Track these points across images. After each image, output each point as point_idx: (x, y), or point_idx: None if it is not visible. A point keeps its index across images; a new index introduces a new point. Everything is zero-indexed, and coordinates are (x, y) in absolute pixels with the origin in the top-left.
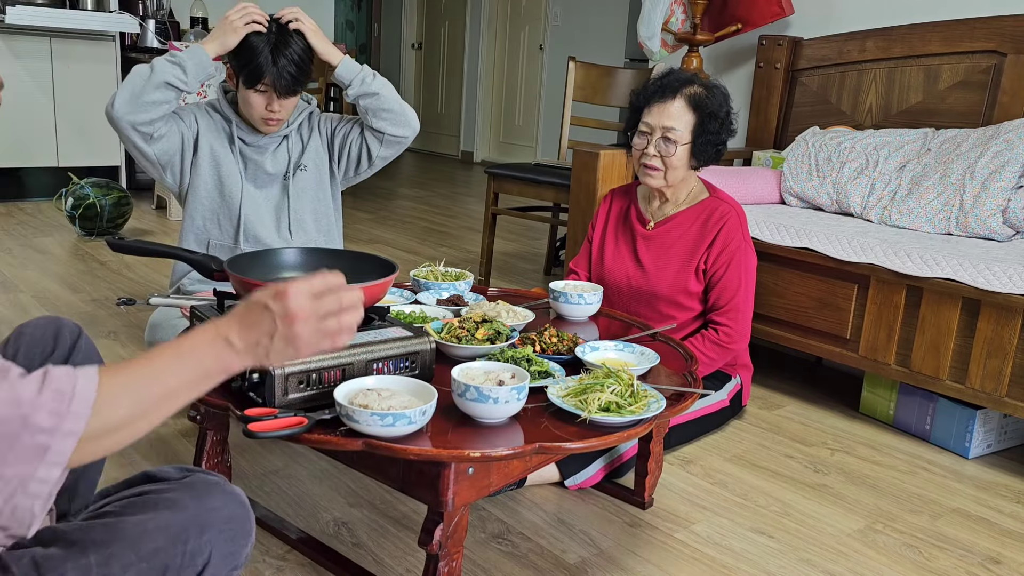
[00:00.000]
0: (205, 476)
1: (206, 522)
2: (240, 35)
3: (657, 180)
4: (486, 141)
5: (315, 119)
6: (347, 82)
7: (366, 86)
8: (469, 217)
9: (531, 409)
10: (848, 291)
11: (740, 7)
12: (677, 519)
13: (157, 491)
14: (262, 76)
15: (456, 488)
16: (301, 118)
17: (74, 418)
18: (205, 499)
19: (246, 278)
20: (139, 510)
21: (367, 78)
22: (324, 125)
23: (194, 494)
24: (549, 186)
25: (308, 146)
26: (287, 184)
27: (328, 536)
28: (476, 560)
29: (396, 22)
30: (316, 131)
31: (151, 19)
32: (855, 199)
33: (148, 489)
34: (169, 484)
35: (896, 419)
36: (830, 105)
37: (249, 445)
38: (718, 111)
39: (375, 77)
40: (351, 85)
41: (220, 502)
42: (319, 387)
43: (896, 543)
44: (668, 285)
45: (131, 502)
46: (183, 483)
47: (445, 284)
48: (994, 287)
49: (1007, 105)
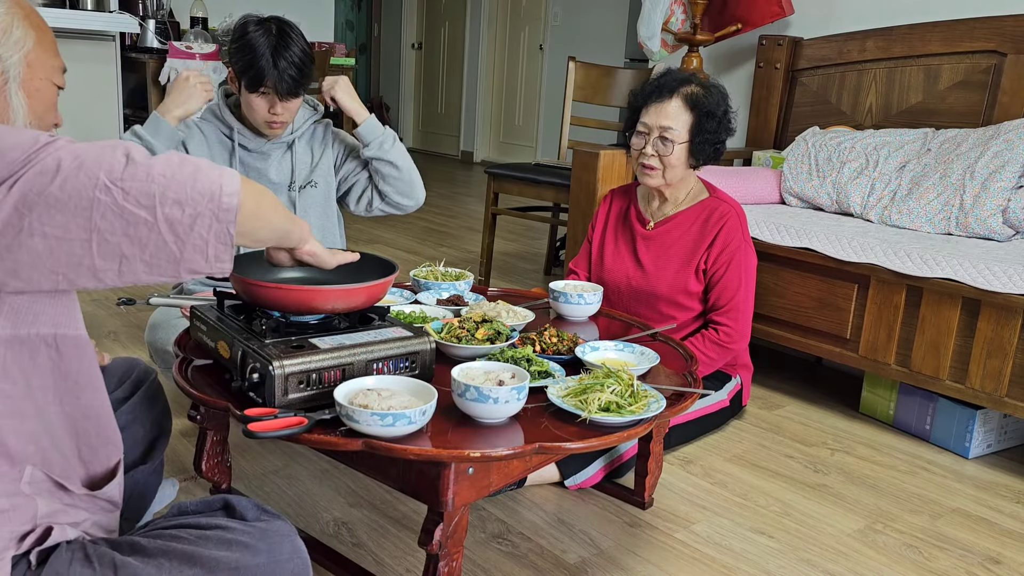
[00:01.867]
0: (280, 524)
1: (274, 572)
2: (202, 100)
3: (656, 180)
4: (486, 141)
5: (328, 133)
6: (366, 142)
7: (383, 151)
8: (469, 217)
9: (531, 409)
10: (848, 291)
11: (740, 7)
12: (677, 519)
13: (235, 530)
14: (263, 79)
15: (456, 488)
16: (307, 126)
17: (228, 170)
18: (276, 550)
19: (246, 278)
20: (215, 545)
21: (386, 143)
22: (337, 147)
23: (268, 543)
24: (549, 186)
25: (320, 162)
26: (292, 196)
27: (328, 536)
28: (476, 560)
29: (396, 22)
30: (329, 149)
31: (151, 19)
32: (855, 199)
33: (225, 525)
34: (246, 526)
35: (896, 419)
36: (830, 105)
37: (249, 445)
38: (715, 110)
39: (394, 143)
40: (368, 146)
41: (289, 555)
42: (319, 387)
43: (896, 543)
44: (668, 285)
45: (207, 536)
46: (259, 528)
47: (445, 284)
48: (994, 287)
49: (1007, 105)
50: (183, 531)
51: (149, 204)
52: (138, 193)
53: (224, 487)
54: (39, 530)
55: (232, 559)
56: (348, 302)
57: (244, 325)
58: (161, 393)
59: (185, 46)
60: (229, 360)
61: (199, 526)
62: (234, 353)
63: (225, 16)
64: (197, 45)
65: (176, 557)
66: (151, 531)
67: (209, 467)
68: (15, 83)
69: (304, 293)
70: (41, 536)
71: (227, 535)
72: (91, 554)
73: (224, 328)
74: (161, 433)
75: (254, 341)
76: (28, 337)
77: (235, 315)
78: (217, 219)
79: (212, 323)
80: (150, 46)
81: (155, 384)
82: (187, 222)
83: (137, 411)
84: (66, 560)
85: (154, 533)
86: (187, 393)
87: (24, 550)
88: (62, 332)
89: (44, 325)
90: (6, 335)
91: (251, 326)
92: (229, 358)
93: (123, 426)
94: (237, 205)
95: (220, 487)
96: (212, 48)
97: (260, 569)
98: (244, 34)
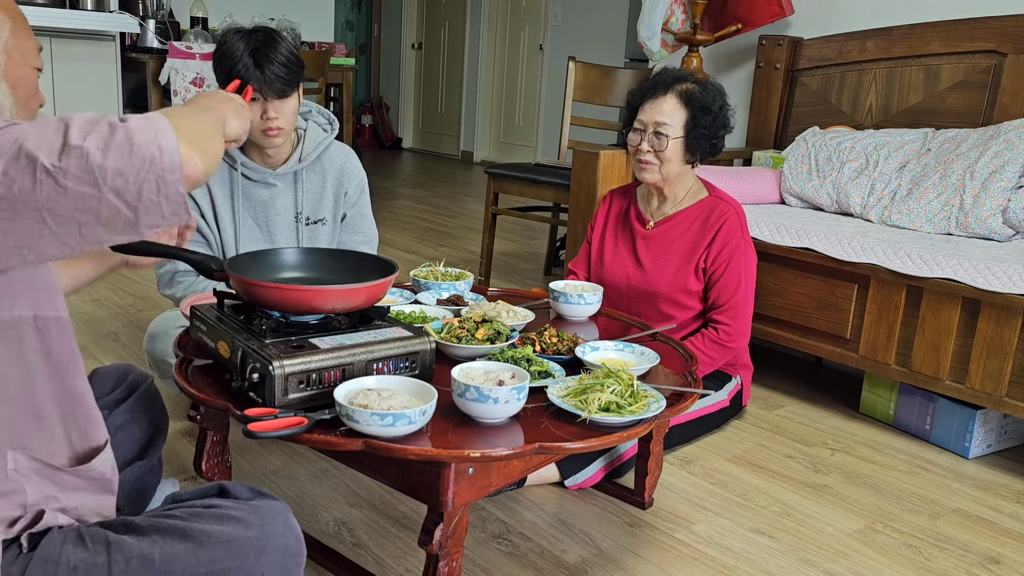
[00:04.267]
0: (273, 502)
1: (266, 546)
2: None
3: (652, 175)
4: (486, 141)
5: (346, 172)
6: None
7: None
8: (469, 217)
9: (531, 409)
10: (848, 291)
11: (740, 7)
12: (677, 519)
13: (226, 506)
14: (247, 83)
15: (456, 488)
16: (318, 152)
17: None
18: (269, 524)
19: (246, 278)
20: (207, 521)
21: None
22: (353, 193)
23: (260, 518)
24: (549, 186)
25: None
26: (298, 227)
27: (328, 536)
28: (476, 560)
29: (396, 22)
30: (342, 191)
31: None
32: (855, 199)
33: (218, 503)
34: (239, 503)
35: (896, 419)
36: (830, 105)
37: (249, 445)
38: (711, 105)
39: None
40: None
41: (282, 530)
42: (319, 387)
43: (896, 543)
44: (668, 284)
45: (200, 512)
46: (252, 505)
47: (445, 284)
48: (994, 287)
49: (1007, 105)
50: (177, 510)
51: (91, 180)
52: (78, 170)
53: None
54: (29, 515)
55: (224, 532)
56: (348, 302)
57: (244, 325)
58: (158, 395)
59: (185, 46)
60: (229, 360)
61: (192, 506)
62: (234, 353)
63: (225, 16)
64: (197, 45)
65: (169, 533)
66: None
67: (209, 467)
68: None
69: (304, 293)
70: (32, 521)
71: (219, 511)
72: (84, 534)
73: (224, 328)
74: (158, 432)
75: (254, 341)
76: (11, 320)
77: (235, 315)
78: (163, 181)
79: (212, 323)
80: (150, 46)
81: (151, 387)
82: (134, 190)
83: (134, 411)
84: (58, 542)
85: (149, 515)
86: (187, 393)
87: (14, 535)
88: (43, 313)
89: (24, 307)
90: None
91: (251, 326)
92: (229, 358)
93: (120, 426)
94: (179, 162)
95: None
96: (212, 48)
97: (252, 542)
98: (224, 43)
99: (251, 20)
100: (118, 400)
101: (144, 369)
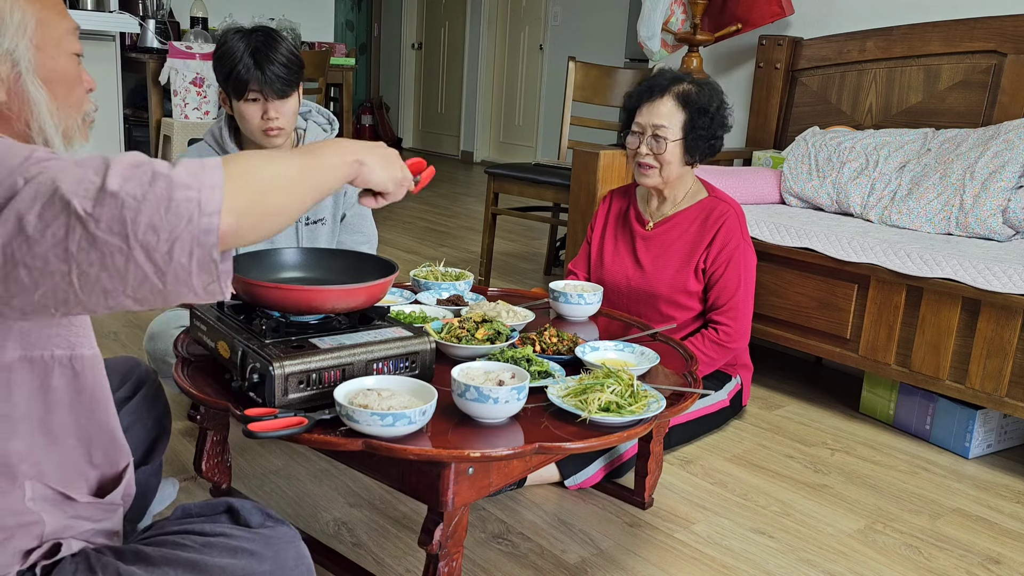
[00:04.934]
0: (284, 530)
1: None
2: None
3: (653, 179)
4: (486, 141)
5: None
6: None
7: None
8: (469, 217)
9: (531, 409)
10: (848, 291)
11: (740, 7)
12: (677, 519)
13: (239, 537)
14: (248, 82)
15: (456, 488)
16: None
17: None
18: (281, 556)
19: (246, 278)
20: (219, 553)
21: None
22: (352, 193)
23: (273, 549)
24: (549, 186)
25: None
26: (298, 226)
27: (328, 536)
28: (476, 560)
29: (396, 22)
30: (341, 190)
31: (151, 19)
32: (855, 199)
33: (230, 532)
34: (251, 533)
35: (896, 419)
36: (830, 105)
37: (249, 445)
38: (708, 106)
39: None
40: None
41: (294, 561)
42: (319, 387)
43: (896, 543)
44: (667, 285)
45: (212, 543)
46: (264, 535)
47: (445, 284)
48: (994, 287)
49: (1007, 105)
50: (187, 538)
51: (121, 231)
52: (110, 219)
53: (224, 487)
54: (45, 546)
55: (238, 567)
56: (348, 302)
57: (244, 325)
58: (162, 393)
59: (185, 46)
60: (229, 360)
61: (203, 533)
62: (234, 353)
63: (225, 16)
64: (197, 45)
65: (181, 565)
66: (155, 537)
67: (209, 467)
68: (29, 74)
69: (304, 293)
70: (48, 552)
71: (232, 542)
72: (95, 564)
73: (224, 328)
74: (162, 433)
75: (254, 341)
76: (41, 359)
77: (235, 315)
78: (198, 243)
79: (212, 323)
80: (150, 46)
81: (156, 384)
82: (164, 248)
83: (139, 411)
84: (70, 571)
85: (158, 540)
86: (187, 393)
87: (29, 564)
88: (78, 353)
89: (59, 347)
90: (16, 356)
91: (251, 326)
92: (229, 358)
93: (126, 427)
94: (218, 226)
95: (220, 487)
96: (212, 48)
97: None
98: (224, 43)
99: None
100: (124, 399)
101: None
